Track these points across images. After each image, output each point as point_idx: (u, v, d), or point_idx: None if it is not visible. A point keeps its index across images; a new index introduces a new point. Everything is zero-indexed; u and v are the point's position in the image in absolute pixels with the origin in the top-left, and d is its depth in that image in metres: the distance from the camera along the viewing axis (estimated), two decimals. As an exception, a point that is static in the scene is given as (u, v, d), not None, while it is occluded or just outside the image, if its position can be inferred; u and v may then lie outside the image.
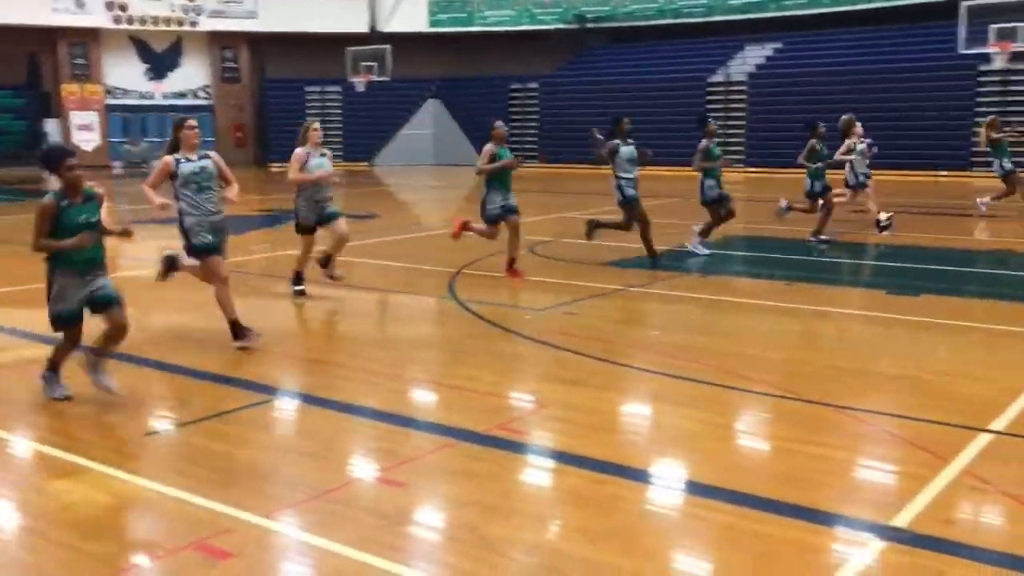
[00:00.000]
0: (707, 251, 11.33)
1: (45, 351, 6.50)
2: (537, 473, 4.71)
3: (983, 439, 4.89)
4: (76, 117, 32.41)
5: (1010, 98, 24.25)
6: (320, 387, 6.12)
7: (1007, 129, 15.80)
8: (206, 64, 34.52)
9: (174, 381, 6.35)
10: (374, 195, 23.27)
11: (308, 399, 5.90)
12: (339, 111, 34.46)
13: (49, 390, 5.67)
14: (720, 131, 28.72)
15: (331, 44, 31.76)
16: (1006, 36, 23.10)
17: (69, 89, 32.31)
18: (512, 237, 10.01)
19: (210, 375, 6.34)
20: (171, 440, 5.16)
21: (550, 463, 4.78)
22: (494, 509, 4.14)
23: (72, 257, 5.43)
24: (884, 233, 12.81)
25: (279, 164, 33.10)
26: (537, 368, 6.74)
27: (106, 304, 5.52)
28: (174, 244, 7.78)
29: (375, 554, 3.68)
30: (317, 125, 8.95)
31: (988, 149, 15.70)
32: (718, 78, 29.03)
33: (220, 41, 34.12)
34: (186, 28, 33.12)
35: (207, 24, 33.21)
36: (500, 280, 10.00)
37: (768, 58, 29.23)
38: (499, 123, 10.06)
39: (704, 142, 11.26)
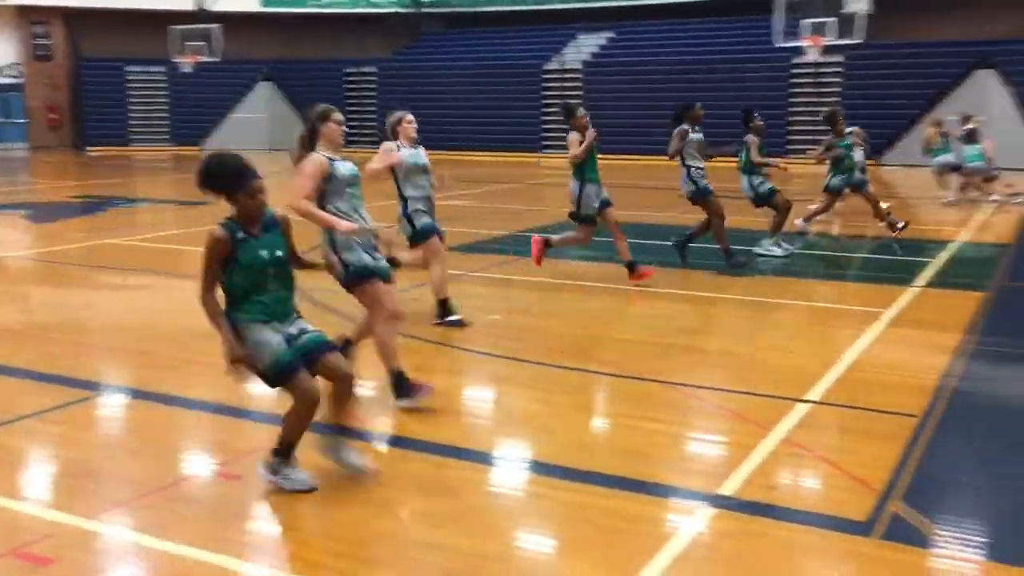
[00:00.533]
0: (783, 251, 10.28)
1: None
2: (381, 460, 4.66)
3: (801, 409, 5.22)
4: None
5: (822, 90, 25.90)
6: (149, 380, 5.83)
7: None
8: (15, 40, 32.12)
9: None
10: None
11: (136, 393, 5.62)
12: (164, 93, 32.85)
13: (289, 482, 4.08)
14: (555, 118, 29.53)
15: (155, 22, 30.21)
16: (817, 30, 24.59)
17: None
18: (617, 234, 8.69)
19: (25, 372, 5.93)
20: (-17, 443, 4.79)
21: (394, 450, 4.75)
22: (334, 497, 4.07)
23: (261, 301, 4.10)
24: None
25: (97, 148, 31.34)
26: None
27: (317, 350, 4.11)
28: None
29: (211, 550, 3.55)
30: (410, 117, 7.09)
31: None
32: (553, 66, 29.53)
33: (30, 16, 31.81)
34: (-9, 0, 30.70)
35: (15, -2, 30.90)
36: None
37: (602, 47, 29.97)
38: (581, 110, 8.47)
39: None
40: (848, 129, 11.76)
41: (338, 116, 5.20)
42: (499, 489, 4.36)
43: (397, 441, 4.83)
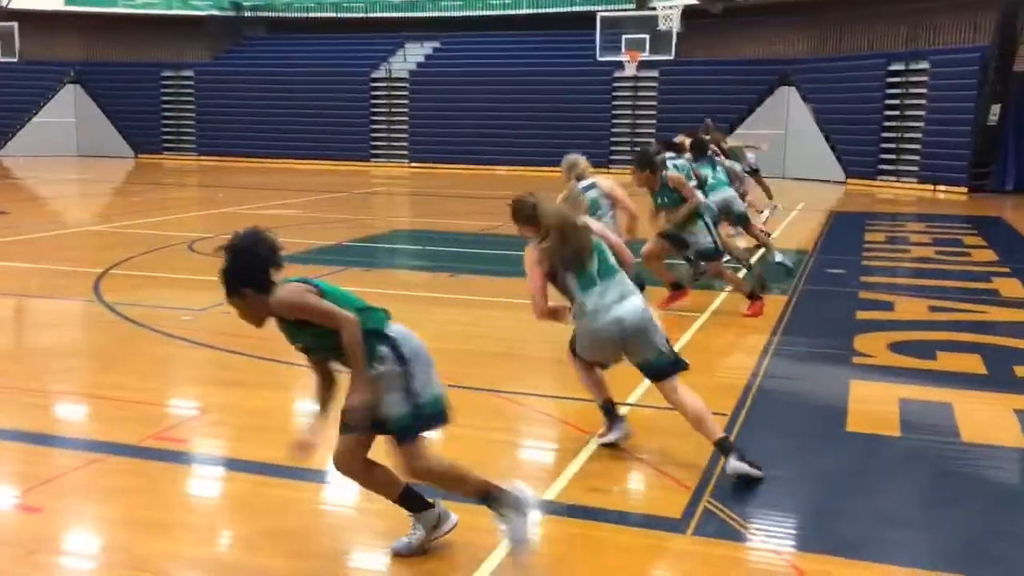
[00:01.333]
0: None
1: None
2: (199, 483, 4.47)
3: (621, 411, 5.39)
4: None
5: (640, 102, 26.99)
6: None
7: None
8: None
9: None
10: (2, 188, 20.82)
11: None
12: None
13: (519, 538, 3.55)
14: (384, 127, 29.36)
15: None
16: (635, 46, 25.61)
17: None
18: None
19: None
20: None
21: (213, 470, 4.57)
22: (151, 525, 3.87)
23: None
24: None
25: None
26: (196, 371, 6.41)
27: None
28: None
29: (8, 590, 3.30)
30: None
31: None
32: (381, 74, 29.36)
33: None
34: None
35: None
36: (153, 280, 9.39)
37: (427, 56, 30.05)
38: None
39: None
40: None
41: None
42: (327, 507, 4.27)
43: (217, 461, 4.62)
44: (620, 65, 26.30)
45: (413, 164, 27.99)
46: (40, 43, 29.18)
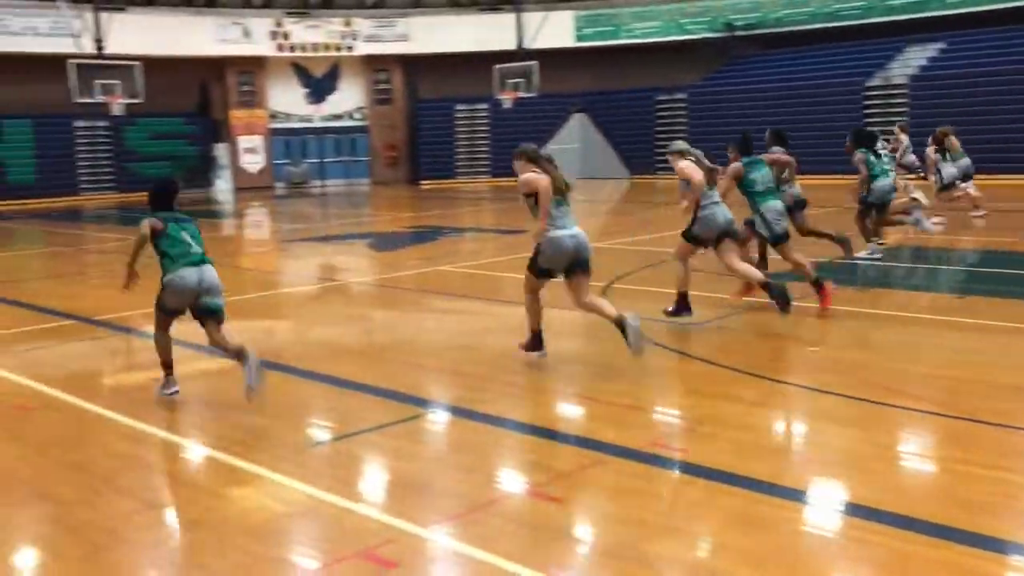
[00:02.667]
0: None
1: (219, 363, 6.92)
2: (695, 492, 4.64)
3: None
4: (243, 141, 34.34)
5: None
6: (472, 400, 6.23)
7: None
8: (361, 87, 35.89)
9: (331, 393, 6.61)
10: (523, 210, 23.52)
11: (461, 412, 6.02)
12: (486, 129, 35.09)
13: None
14: (881, 136, 27.74)
15: (479, 62, 32.41)
16: None
17: (236, 115, 34.27)
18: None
19: (365, 387, 6.57)
20: (335, 451, 5.37)
21: (707, 482, 4.70)
22: (653, 527, 4.12)
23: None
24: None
25: (428, 182, 34.11)
26: (689, 383, 6.65)
27: None
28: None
29: (534, 568, 3.73)
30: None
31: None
32: (876, 82, 27.86)
33: (374, 64, 35.40)
34: (343, 53, 34.56)
35: (362, 48, 34.54)
36: (651, 294, 9.93)
37: (931, 59, 27.84)
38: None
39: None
40: None
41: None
42: (813, 530, 4.17)
43: (711, 473, 4.77)
44: None
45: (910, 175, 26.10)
46: (553, 78, 32.50)
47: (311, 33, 33.98)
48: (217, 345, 6.21)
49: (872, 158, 11.61)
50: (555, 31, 32.10)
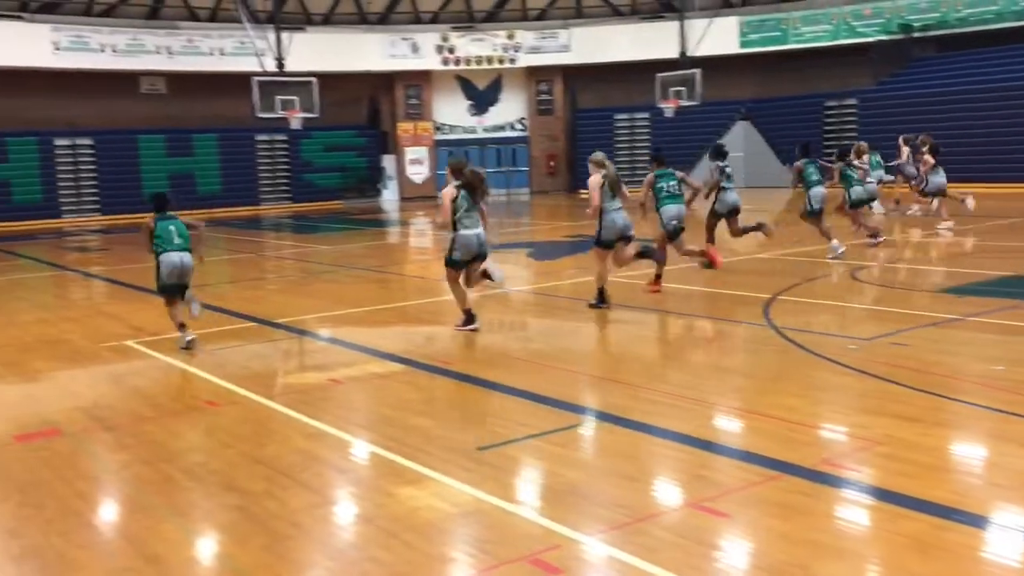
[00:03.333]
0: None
1: (387, 367, 7.18)
2: (871, 514, 4.44)
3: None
4: (409, 152, 35.50)
5: None
6: (634, 411, 6.19)
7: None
8: (523, 98, 36.41)
9: (494, 398, 6.72)
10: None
11: (623, 422, 5.99)
12: (646, 137, 34.84)
13: None
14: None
15: (640, 71, 32.23)
16: None
17: (404, 127, 35.47)
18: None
19: (526, 393, 6.64)
20: (500, 456, 5.46)
21: (885, 504, 4.48)
22: (826, 548, 3.97)
23: None
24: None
25: (586, 192, 34.16)
26: (864, 401, 6.36)
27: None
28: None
29: (700, 583, 3.67)
30: None
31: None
32: (1072, 83, 25.89)
33: (536, 75, 35.84)
34: (506, 65, 35.17)
35: (525, 60, 35.03)
36: (821, 307, 9.59)
37: None
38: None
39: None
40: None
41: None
42: (997, 558, 3.91)
43: (889, 496, 4.55)
44: None
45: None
46: (717, 85, 31.91)
47: (476, 47, 34.75)
48: (175, 313, 8.74)
49: (810, 168, 13.49)
50: (719, 37, 31.49)
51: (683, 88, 30.82)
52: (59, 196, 29.52)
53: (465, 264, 8.98)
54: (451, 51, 34.69)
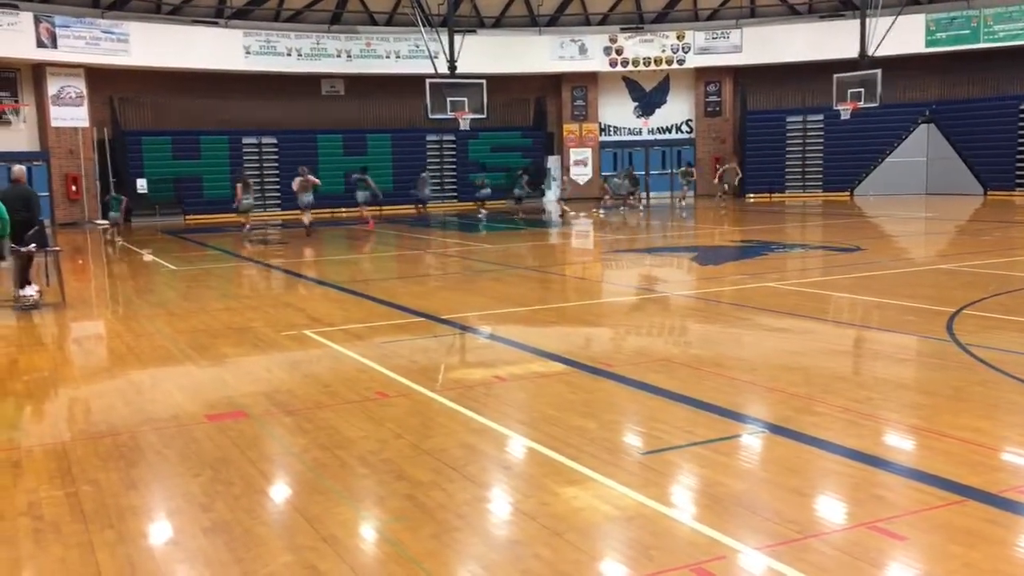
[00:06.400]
0: None
1: (549, 366, 7.25)
2: (1062, 547, 4.14)
3: None
4: (573, 154, 35.66)
5: None
6: (802, 423, 6.00)
7: None
8: (690, 99, 35.89)
9: (656, 402, 6.66)
10: (855, 226, 22.28)
11: (787, 433, 5.81)
12: (819, 140, 33.62)
13: None
14: None
15: (814, 72, 31.13)
16: None
17: (569, 128, 35.66)
18: None
19: (689, 400, 6.56)
20: (663, 461, 5.42)
21: (1082, 539, 4.17)
22: (1011, 581, 3.73)
23: None
24: None
25: (754, 195, 33.31)
26: (1059, 426, 5.92)
27: None
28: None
29: (874, 607, 3.52)
30: None
31: None
32: None
33: (705, 76, 35.23)
34: (674, 67, 34.74)
35: (693, 61, 34.51)
36: (1010, 323, 8.99)
37: None
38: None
39: None
40: None
41: None
42: None
43: (1086, 530, 4.22)
44: None
45: None
46: (898, 86, 30.40)
47: (644, 48, 34.52)
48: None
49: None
50: (903, 36, 29.94)
51: (862, 89, 29.49)
52: (245, 191, 31.39)
53: None
54: (619, 52, 34.60)
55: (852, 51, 28.96)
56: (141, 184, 29.51)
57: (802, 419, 6.11)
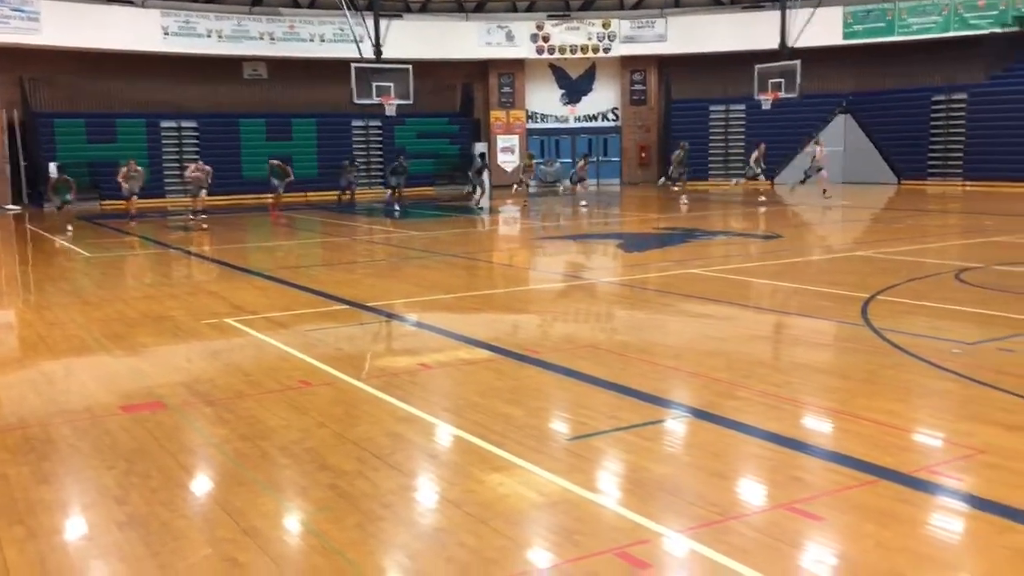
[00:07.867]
0: None
1: (475, 353, 7.22)
2: (973, 524, 4.29)
3: None
4: (500, 141, 35.63)
5: None
6: (723, 407, 6.10)
7: None
8: (616, 88, 36.17)
9: (581, 388, 6.70)
10: (776, 214, 22.77)
11: (712, 418, 5.91)
12: (741, 130, 34.21)
13: None
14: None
15: (737, 62, 31.65)
16: None
17: (496, 115, 35.61)
18: None
19: (614, 386, 6.62)
20: (587, 447, 5.45)
21: (988, 515, 4.33)
22: (925, 558, 3.85)
23: None
24: None
25: (679, 183, 33.73)
26: (967, 408, 6.14)
27: None
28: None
29: (792, 586, 3.60)
30: None
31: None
32: None
33: (630, 65, 35.55)
34: (600, 55, 34.95)
35: (619, 50, 34.78)
36: (920, 308, 9.29)
37: None
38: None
39: None
40: None
41: None
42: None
43: (995, 508, 4.38)
44: None
45: None
46: (816, 77, 31.11)
47: (571, 35, 34.66)
48: None
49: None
50: (822, 28, 30.64)
51: (782, 80, 30.09)
52: (164, 177, 30.58)
53: None
54: (545, 39, 34.66)
55: (773, 42, 29.54)
56: (52, 168, 28.51)
57: (724, 404, 6.22)
